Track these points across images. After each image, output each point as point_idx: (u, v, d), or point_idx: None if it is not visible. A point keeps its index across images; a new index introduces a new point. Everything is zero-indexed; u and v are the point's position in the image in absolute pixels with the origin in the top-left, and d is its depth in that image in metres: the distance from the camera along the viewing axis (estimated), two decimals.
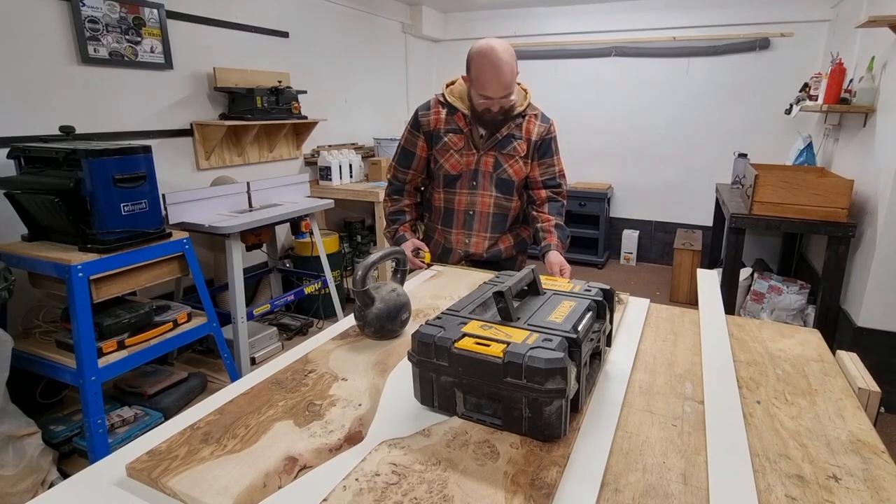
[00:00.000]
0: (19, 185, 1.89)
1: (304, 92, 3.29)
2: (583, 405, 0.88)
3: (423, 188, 1.92)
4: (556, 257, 1.68)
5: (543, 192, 1.79)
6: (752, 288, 3.46)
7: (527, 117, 1.74)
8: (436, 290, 1.51)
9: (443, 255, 1.86)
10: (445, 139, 1.72)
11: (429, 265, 1.73)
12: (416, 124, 1.76)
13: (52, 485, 1.82)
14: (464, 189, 1.77)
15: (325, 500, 0.67)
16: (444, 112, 1.73)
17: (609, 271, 4.71)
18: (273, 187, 3.00)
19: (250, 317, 2.63)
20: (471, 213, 1.78)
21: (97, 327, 1.85)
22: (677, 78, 4.39)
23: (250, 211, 2.77)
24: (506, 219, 1.80)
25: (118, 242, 1.88)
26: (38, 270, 1.87)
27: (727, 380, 0.97)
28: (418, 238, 1.88)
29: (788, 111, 3.61)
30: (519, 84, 1.75)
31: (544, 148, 1.76)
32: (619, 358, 1.08)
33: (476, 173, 1.75)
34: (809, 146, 3.43)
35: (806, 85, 3.47)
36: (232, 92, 2.92)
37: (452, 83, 1.76)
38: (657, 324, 1.28)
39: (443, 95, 1.74)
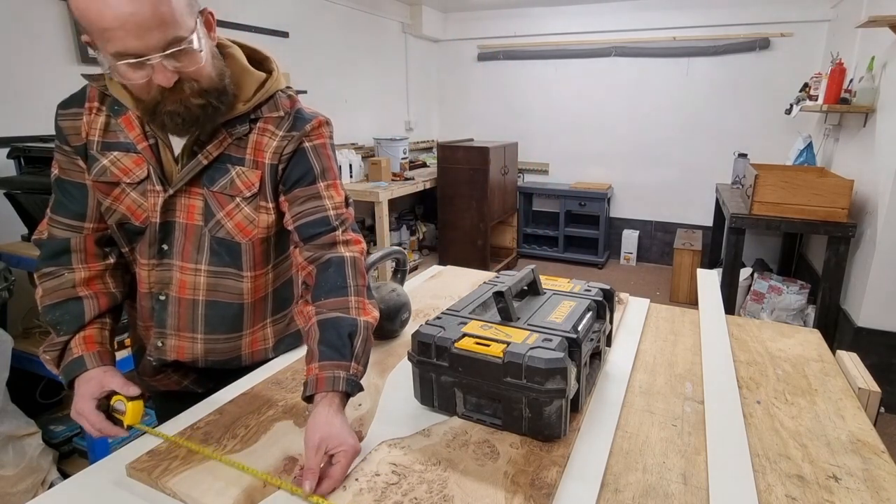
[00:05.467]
0: (19, 185, 1.89)
1: (304, 92, 3.29)
2: (583, 405, 0.88)
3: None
4: (320, 427, 0.72)
5: (305, 254, 0.91)
6: (752, 288, 3.46)
7: (259, 123, 0.91)
8: (436, 290, 1.51)
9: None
10: (105, 161, 0.89)
11: (129, 428, 0.84)
12: (61, 134, 0.91)
13: (52, 485, 1.81)
14: (144, 257, 0.93)
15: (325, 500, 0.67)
16: (104, 112, 0.90)
17: (609, 271, 4.71)
18: None
19: None
20: (161, 297, 0.95)
21: None
22: (677, 78, 4.39)
23: None
24: (240, 310, 0.98)
25: None
26: None
27: (727, 380, 0.97)
28: (112, 356, 0.92)
29: (788, 111, 3.61)
30: (254, 52, 0.94)
31: (295, 165, 0.92)
32: (619, 358, 1.08)
33: (167, 229, 0.92)
34: (809, 146, 3.43)
35: (806, 85, 3.47)
36: None
37: None
38: (657, 324, 1.28)
39: (98, 83, 0.90)
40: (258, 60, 0.94)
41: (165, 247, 0.92)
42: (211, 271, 0.94)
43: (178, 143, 0.90)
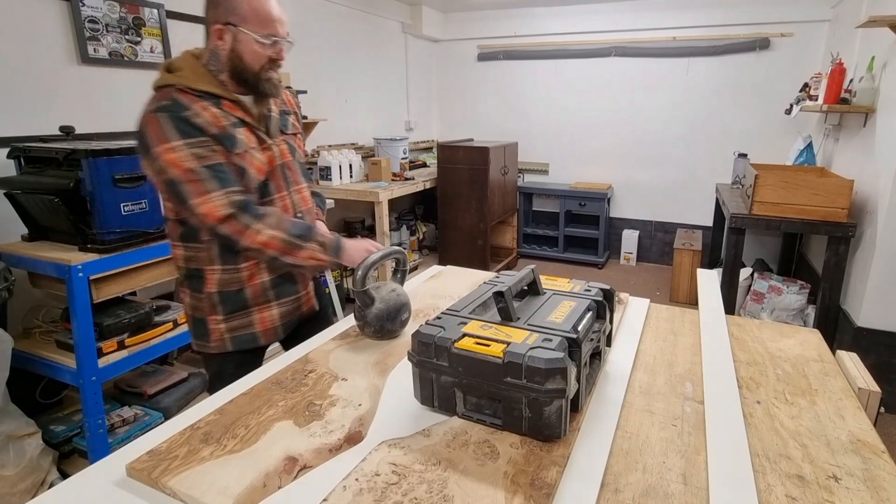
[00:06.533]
0: (19, 185, 1.89)
1: (304, 92, 3.29)
2: (583, 405, 0.88)
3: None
4: (362, 242, 1.33)
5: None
6: (752, 288, 3.46)
7: None
8: (436, 290, 1.51)
9: (284, 289, 1.32)
10: (241, 137, 1.21)
11: None
12: (198, 129, 1.14)
13: (52, 485, 1.81)
14: (282, 191, 1.30)
15: (325, 500, 0.67)
16: (210, 106, 1.18)
17: (609, 271, 4.71)
18: None
19: None
20: (299, 214, 1.35)
21: (97, 327, 1.85)
22: (677, 78, 4.39)
23: None
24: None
25: (118, 242, 1.88)
26: (38, 270, 1.86)
27: (727, 380, 0.97)
28: None
29: (788, 111, 3.61)
30: None
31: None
32: (619, 358, 1.08)
33: (283, 167, 1.31)
34: (809, 146, 3.43)
35: (806, 85, 3.47)
36: None
37: (176, 69, 1.22)
38: (657, 324, 1.28)
39: (185, 87, 1.18)
40: None
41: (287, 179, 1.33)
42: (307, 186, 1.42)
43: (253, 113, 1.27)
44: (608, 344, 1.07)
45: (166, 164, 1.11)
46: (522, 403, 0.77)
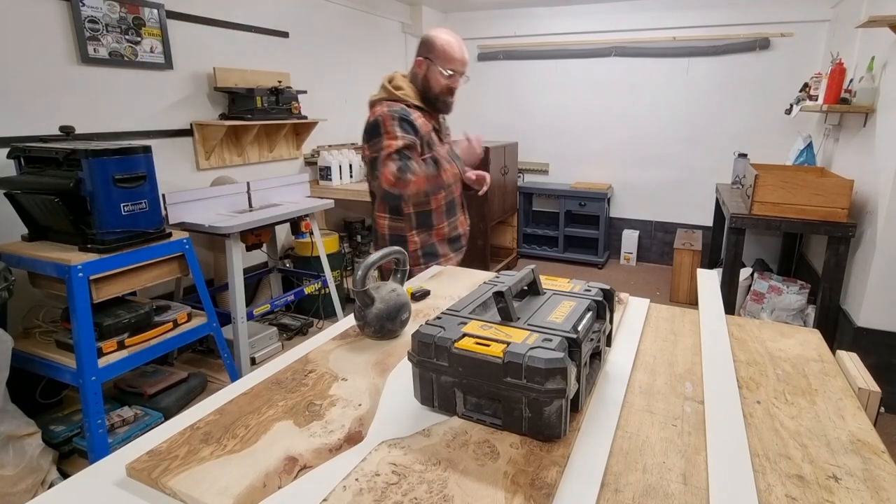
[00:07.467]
0: (19, 185, 1.89)
1: (304, 92, 3.29)
2: (583, 405, 0.88)
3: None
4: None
5: None
6: (752, 288, 3.46)
7: None
8: (436, 290, 1.51)
9: (453, 242, 1.98)
10: (434, 139, 1.81)
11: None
12: (414, 129, 1.72)
13: (52, 485, 1.82)
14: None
15: (325, 500, 0.67)
16: (421, 115, 1.77)
17: (609, 271, 4.71)
18: (273, 187, 3.00)
19: (250, 317, 2.62)
20: (455, 196, 2.01)
21: (97, 327, 1.85)
22: (677, 78, 4.39)
23: (250, 211, 2.77)
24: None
25: (118, 242, 1.88)
26: (38, 270, 1.87)
27: (727, 380, 0.97)
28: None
29: (788, 111, 3.61)
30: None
31: None
32: (619, 358, 1.08)
33: None
34: (809, 146, 3.43)
35: (806, 85, 3.47)
36: (232, 92, 2.92)
37: (397, 88, 1.77)
38: (657, 324, 1.28)
39: (406, 101, 1.75)
40: None
41: None
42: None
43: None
44: (608, 344, 1.07)
45: (385, 145, 1.65)
46: (522, 403, 0.77)
